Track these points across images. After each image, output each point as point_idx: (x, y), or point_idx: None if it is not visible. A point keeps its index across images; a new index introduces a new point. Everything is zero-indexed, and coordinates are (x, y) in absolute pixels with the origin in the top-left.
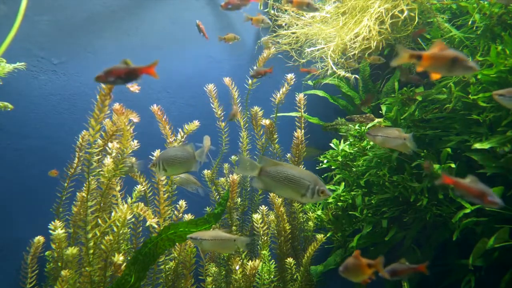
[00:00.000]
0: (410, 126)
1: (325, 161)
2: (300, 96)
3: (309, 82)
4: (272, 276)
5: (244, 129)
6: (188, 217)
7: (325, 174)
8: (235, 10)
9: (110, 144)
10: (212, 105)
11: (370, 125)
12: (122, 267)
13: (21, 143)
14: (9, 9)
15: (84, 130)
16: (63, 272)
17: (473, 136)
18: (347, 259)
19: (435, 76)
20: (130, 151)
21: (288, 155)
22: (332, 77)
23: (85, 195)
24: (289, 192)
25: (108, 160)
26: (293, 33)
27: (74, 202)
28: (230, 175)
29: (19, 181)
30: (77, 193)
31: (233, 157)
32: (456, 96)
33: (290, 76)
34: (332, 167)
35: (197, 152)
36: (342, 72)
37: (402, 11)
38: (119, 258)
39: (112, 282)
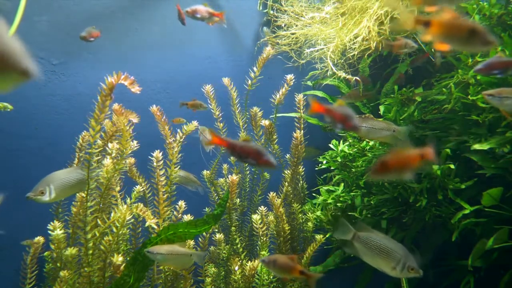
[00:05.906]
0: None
1: (324, 161)
2: (300, 97)
3: (309, 83)
4: (271, 277)
5: (243, 130)
6: (187, 217)
7: (325, 175)
8: (200, 21)
9: (110, 145)
10: (210, 105)
11: None
12: (121, 267)
13: (20, 144)
14: (14, 6)
15: (84, 131)
16: (62, 273)
17: (473, 137)
18: (275, 255)
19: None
20: (130, 152)
21: (288, 155)
22: (332, 78)
23: (85, 196)
24: (379, 262)
25: (107, 161)
26: (293, 34)
27: (73, 202)
28: (229, 176)
29: (19, 182)
30: (77, 194)
31: (232, 157)
32: (455, 96)
33: (289, 76)
34: (332, 168)
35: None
36: (342, 74)
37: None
38: (118, 258)
39: (111, 283)
